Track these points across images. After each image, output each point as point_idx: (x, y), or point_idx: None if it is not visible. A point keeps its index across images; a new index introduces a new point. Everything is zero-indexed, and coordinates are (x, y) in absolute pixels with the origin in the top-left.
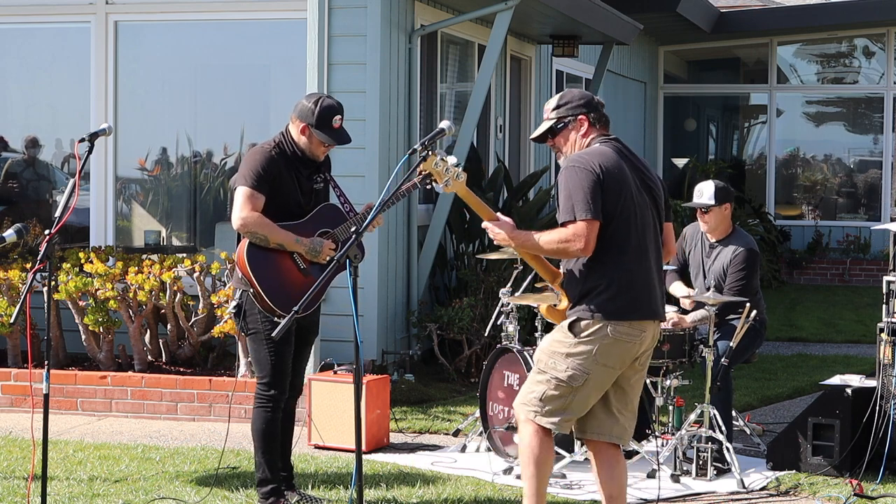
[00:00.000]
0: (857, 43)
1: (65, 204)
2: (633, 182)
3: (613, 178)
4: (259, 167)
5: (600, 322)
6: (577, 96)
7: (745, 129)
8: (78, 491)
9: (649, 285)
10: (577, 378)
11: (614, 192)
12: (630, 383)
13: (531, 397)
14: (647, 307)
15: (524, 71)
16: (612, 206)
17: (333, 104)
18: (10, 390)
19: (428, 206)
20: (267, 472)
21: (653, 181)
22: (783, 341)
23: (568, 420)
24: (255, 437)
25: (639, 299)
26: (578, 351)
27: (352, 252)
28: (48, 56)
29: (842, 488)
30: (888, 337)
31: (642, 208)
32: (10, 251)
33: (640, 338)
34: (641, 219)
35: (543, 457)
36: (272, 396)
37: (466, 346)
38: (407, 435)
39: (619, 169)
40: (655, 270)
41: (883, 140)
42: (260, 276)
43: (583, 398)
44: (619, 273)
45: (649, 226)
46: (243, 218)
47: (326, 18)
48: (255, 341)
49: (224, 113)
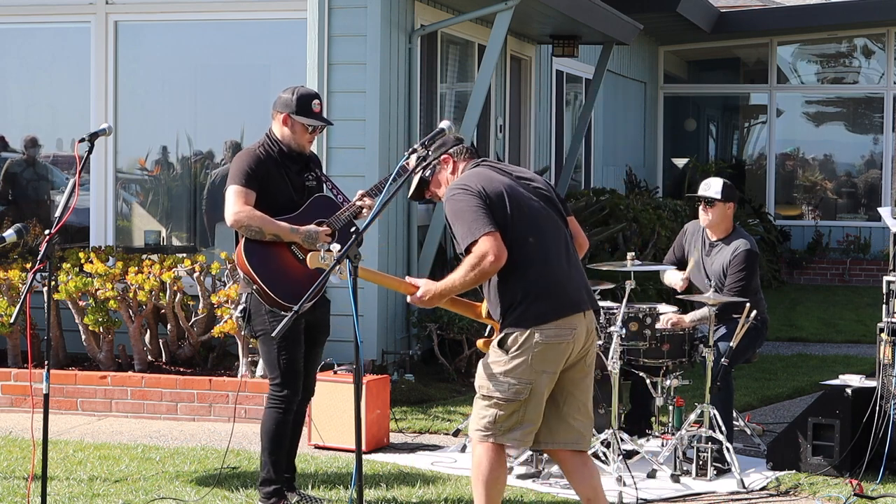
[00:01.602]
0: (857, 43)
1: (65, 204)
2: (517, 189)
3: (494, 192)
4: (246, 166)
5: (526, 331)
6: (431, 142)
7: (745, 129)
8: (78, 491)
9: (563, 282)
10: (522, 391)
11: (499, 205)
12: (579, 387)
13: (484, 423)
14: (567, 303)
15: (524, 71)
16: (502, 219)
17: (311, 91)
18: (10, 390)
19: (428, 206)
20: (272, 472)
21: (538, 183)
22: (783, 341)
23: (527, 432)
24: (264, 438)
25: (556, 298)
26: (514, 365)
27: (352, 252)
28: (48, 56)
29: (842, 488)
30: (888, 337)
31: (535, 210)
32: (10, 251)
33: (571, 335)
34: (536, 220)
35: (494, 476)
36: (285, 397)
37: (466, 346)
38: (407, 435)
39: (497, 181)
40: (569, 265)
41: (883, 140)
42: (261, 272)
43: (534, 408)
44: (528, 280)
45: (549, 225)
46: (235, 213)
47: (326, 18)
48: (265, 342)
49: (224, 113)
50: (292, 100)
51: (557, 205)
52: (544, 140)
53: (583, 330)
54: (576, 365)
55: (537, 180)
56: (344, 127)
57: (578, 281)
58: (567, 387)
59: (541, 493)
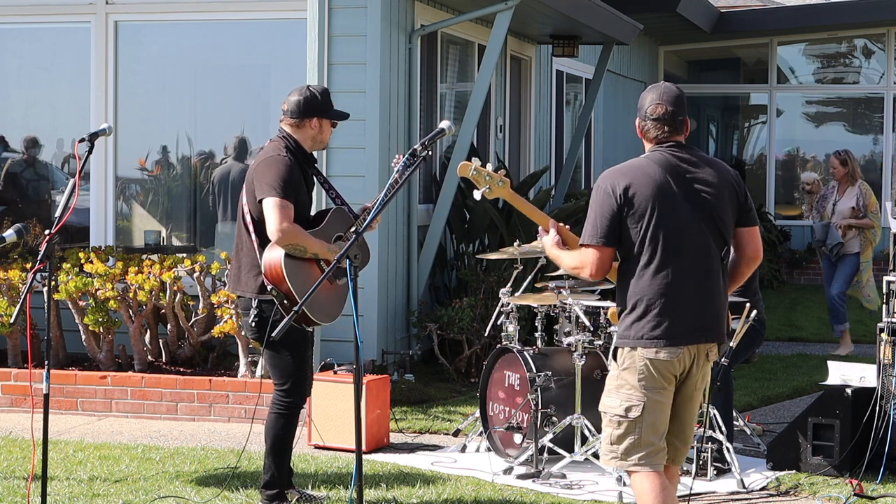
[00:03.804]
0: (857, 43)
1: (65, 204)
2: (669, 193)
3: (639, 196)
4: (285, 175)
5: (631, 349)
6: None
7: (745, 129)
8: (78, 491)
9: (679, 304)
10: (634, 408)
11: (637, 212)
12: (686, 405)
13: (605, 445)
14: (678, 330)
15: (524, 71)
16: (636, 226)
17: (324, 87)
18: (10, 390)
19: (428, 206)
20: (276, 475)
21: (711, 186)
22: (783, 341)
23: (649, 454)
24: (270, 441)
25: (666, 321)
26: (624, 380)
27: (351, 252)
28: (48, 56)
29: (842, 488)
30: (888, 337)
31: (677, 221)
32: (10, 251)
33: (676, 357)
34: (671, 232)
35: (660, 500)
36: (291, 403)
37: (466, 346)
38: (407, 435)
39: (647, 185)
40: (697, 286)
41: (883, 140)
42: (298, 288)
43: (650, 427)
44: (642, 292)
45: (688, 238)
46: (283, 230)
47: (326, 18)
48: (277, 348)
49: (224, 113)
50: (319, 100)
51: (713, 213)
52: (544, 140)
53: (688, 355)
54: (682, 387)
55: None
56: (344, 127)
57: (703, 307)
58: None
59: (541, 493)
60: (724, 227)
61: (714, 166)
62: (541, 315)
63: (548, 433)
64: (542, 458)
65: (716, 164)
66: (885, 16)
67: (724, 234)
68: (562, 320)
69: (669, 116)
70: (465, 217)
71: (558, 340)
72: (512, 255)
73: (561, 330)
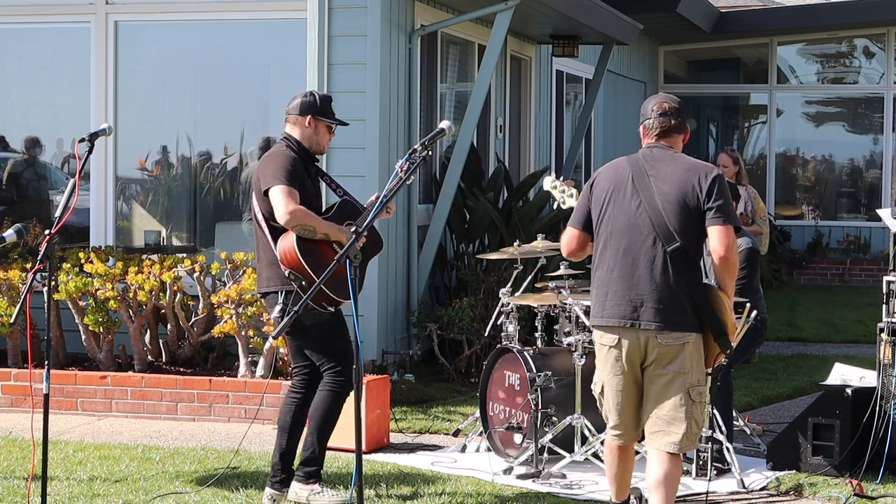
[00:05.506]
0: (857, 43)
1: (65, 204)
2: (623, 187)
3: (600, 188)
4: (288, 165)
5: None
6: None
7: (745, 129)
8: (78, 491)
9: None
10: (597, 384)
11: (598, 202)
12: (648, 389)
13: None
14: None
15: (524, 71)
16: (597, 216)
17: (327, 94)
18: (10, 390)
19: (428, 206)
20: (318, 452)
21: (666, 184)
22: (783, 341)
23: (614, 426)
24: (317, 418)
25: (598, 305)
26: (597, 360)
27: (352, 252)
28: (48, 56)
29: (842, 488)
30: (888, 337)
31: (624, 214)
32: (10, 251)
33: (615, 343)
34: (616, 224)
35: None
36: (345, 382)
37: (466, 346)
38: (407, 435)
39: (609, 179)
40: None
41: (883, 140)
42: (314, 267)
43: (612, 405)
44: (595, 278)
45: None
46: (291, 211)
47: (326, 18)
48: (320, 331)
49: (224, 113)
50: (316, 102)
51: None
52: (544, 140)
53: (628, 341)
54: (646, 369)
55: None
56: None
57: (631, 292)
58: (644, 387)
59: (541, 494)
60: (672, 223)
61: (679, 165)
62: (541, 315)
63: (548, 433)
64: (542, 458)
65: (683, 163)
66: (885, 16)
67: (672, 230)
68: (562, 320)
69: (658, 122)
70: (465, 217)
71: (558, 340)
72: (512, 255)
73: (561, 330)
